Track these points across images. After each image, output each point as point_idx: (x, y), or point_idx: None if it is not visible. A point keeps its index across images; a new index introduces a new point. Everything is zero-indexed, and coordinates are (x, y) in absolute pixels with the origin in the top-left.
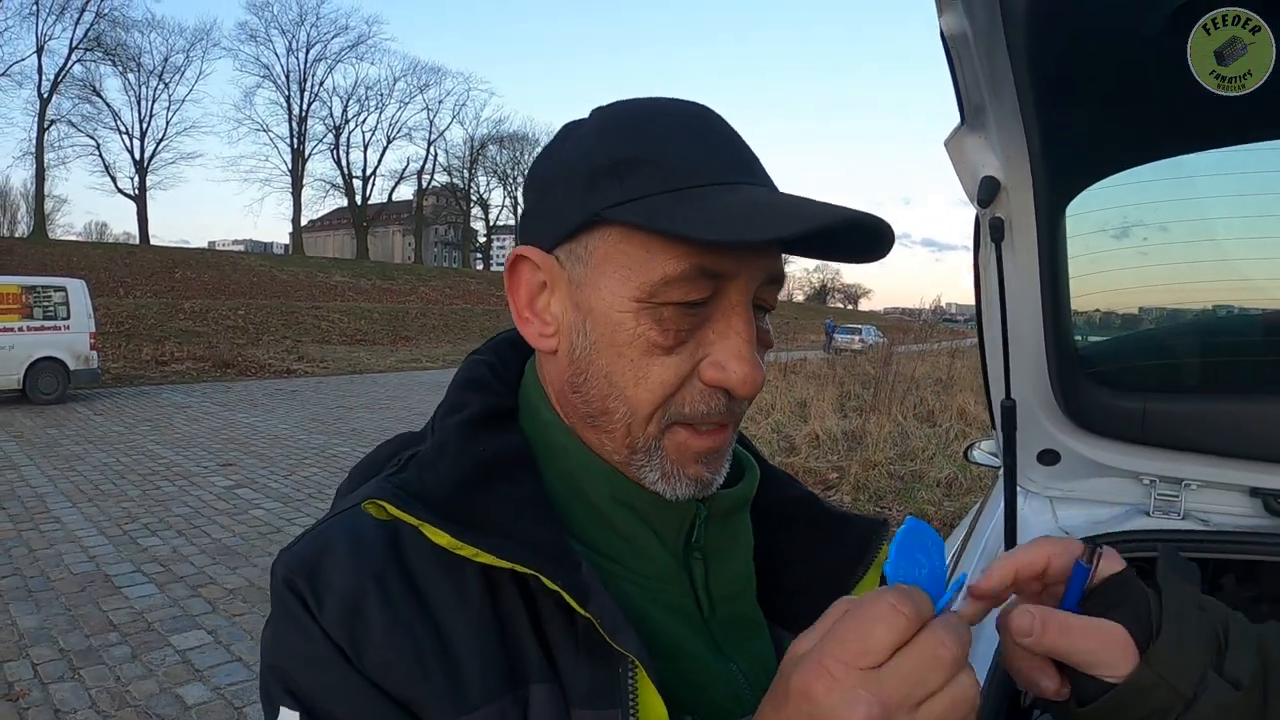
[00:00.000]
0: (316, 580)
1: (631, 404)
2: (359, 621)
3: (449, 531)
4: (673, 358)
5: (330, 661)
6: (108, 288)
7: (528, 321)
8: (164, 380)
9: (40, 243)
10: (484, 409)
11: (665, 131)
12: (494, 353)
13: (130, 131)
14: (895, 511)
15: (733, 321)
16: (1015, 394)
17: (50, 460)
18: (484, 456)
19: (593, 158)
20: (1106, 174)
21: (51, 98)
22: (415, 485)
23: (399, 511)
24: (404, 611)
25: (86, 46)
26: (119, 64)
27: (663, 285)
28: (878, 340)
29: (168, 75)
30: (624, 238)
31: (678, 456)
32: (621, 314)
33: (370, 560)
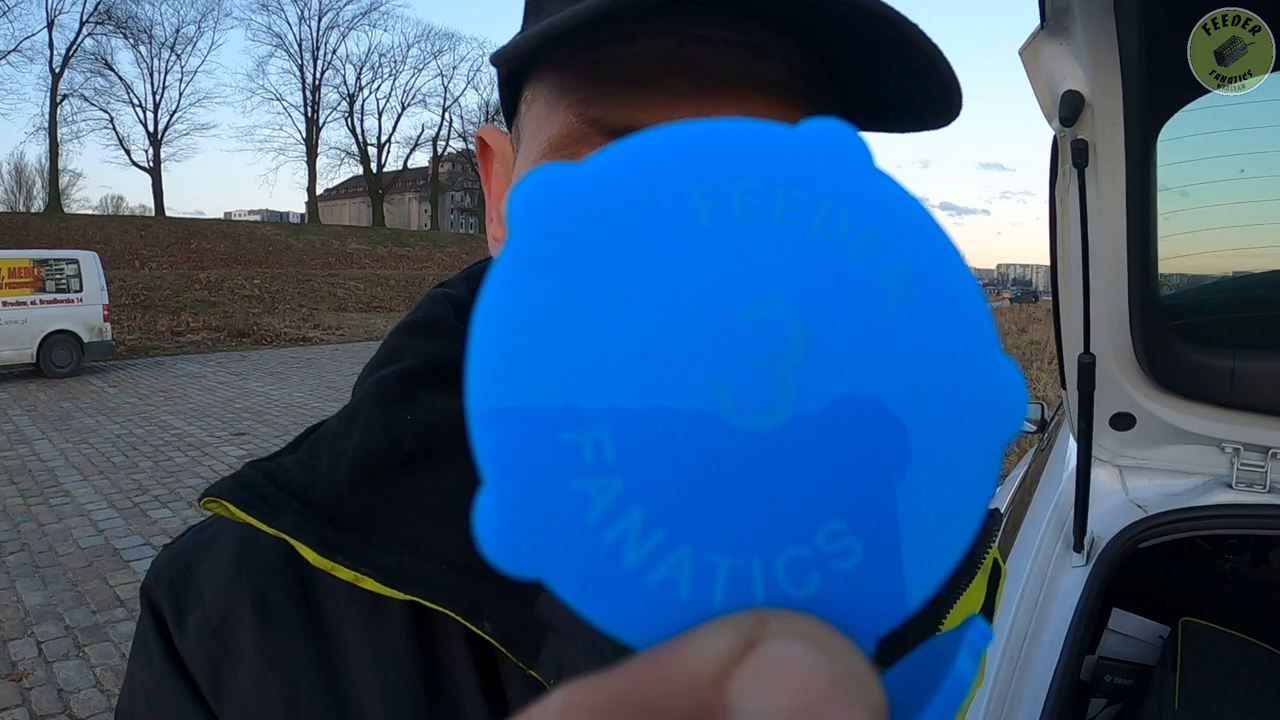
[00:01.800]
0: (183, 593)
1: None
2: (222, 652)
3: (315, 546)
4: None
5: (181, 706)
6: (124, 260)
7: (492, 220)
8: (179, 351)
9: (56, 217)
10: (429, 359)
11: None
12: (468, 283)
13: (143, 104)
14: None
15: None
16: (1094, 348)
17: (62, 433)
18: (410, 425)
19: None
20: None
21: (63, 72)
22: (299, 474)
23: (245, 515)
24: (286, 643)
25: (97, 20)
26: (130, 36)
27: (550, 150)
28: None
29: (180, 46)
30: (533, 97)
31: None
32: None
33: (257, 568)
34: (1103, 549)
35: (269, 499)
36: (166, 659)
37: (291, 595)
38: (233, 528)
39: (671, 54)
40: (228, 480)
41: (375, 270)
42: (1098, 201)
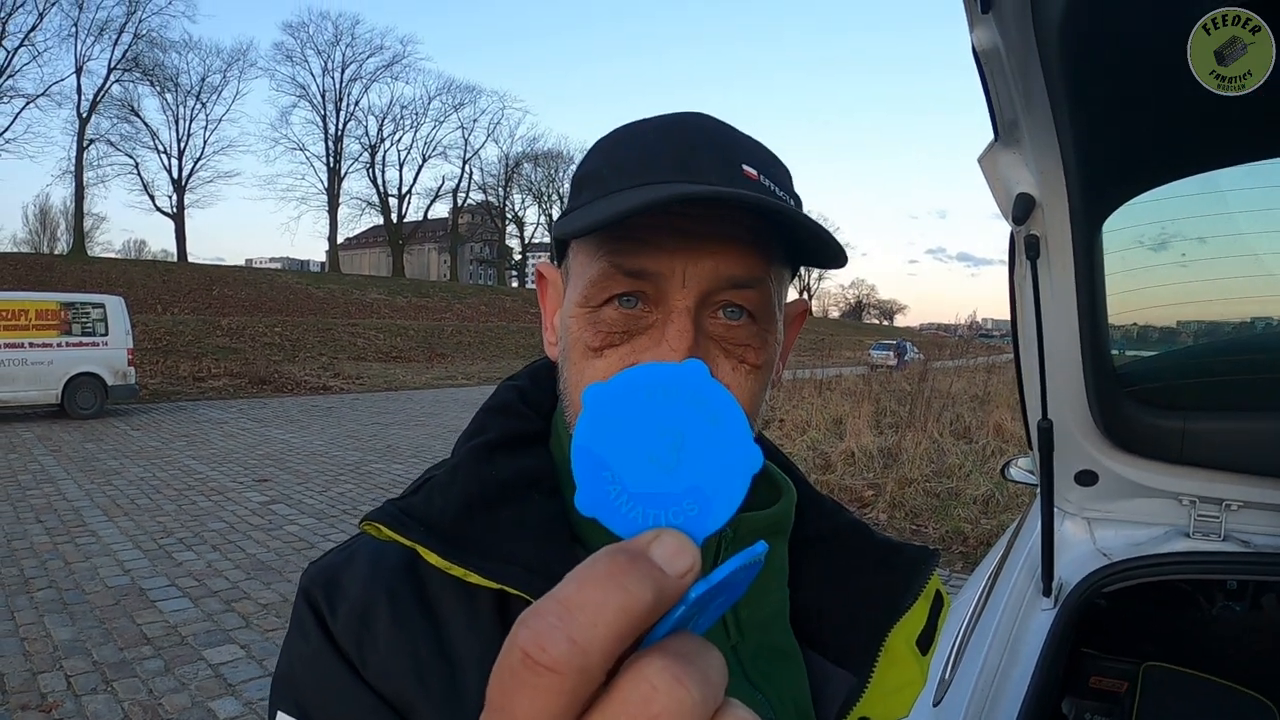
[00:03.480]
0: (334, 591)
1: (572, 400)
2: (366, 631)
3: (438, 551)
4: (602, 359)
5: (334, 667)
6: (146, 304)
7: (547, 331)
8: (201, 396)
9: (79, 260)
10: (503, 433)
11: (629, 141)
12: (530, 377)
13: (168, 150)
14: (930, 529)
15: (666, 329)
16: (1052, 414)
17: (87, 474)
18: (494, 478)
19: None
20: (1143, 189)
21: (90, 117)
22: (422, 508)
23: (391, 533)
24: (411, 625)
25: (125, 67)
26: (157, 84)
27: (590, 287)
28: (913, 356)
29: (205, 95)
30: (576, 249)
31: None
32: (571, 319)
33: (386, 574)
34: (1069, 592)
35: (404, 524)
36: (322, 637)
37: (413, 591)
38: (366, 548)
39: (669, 224)
40: (377, 511)
41: (395, 320)
42: (1051, 287)
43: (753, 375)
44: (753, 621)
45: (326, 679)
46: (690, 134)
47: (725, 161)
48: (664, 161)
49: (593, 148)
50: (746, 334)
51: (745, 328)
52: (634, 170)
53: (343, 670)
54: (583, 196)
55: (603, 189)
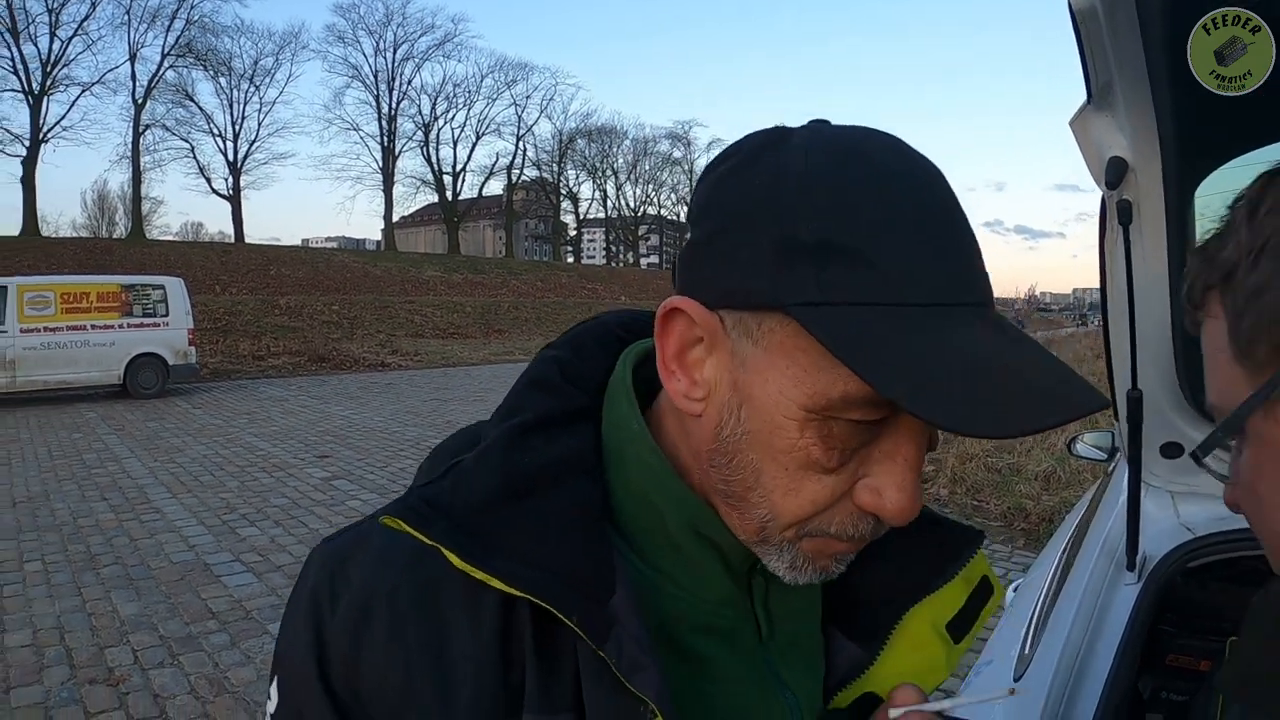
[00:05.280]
0: (338, 579)
1: (776, 510)
2: (364, 630)
3: (459, 553)
4: (832, 476)
5: (325, 662)
6: (205, 285)
7: (673, 375)
8: (261, 374)
9: (138, 243)
10: (540, 413)
11: (889, 212)
12: (571, 347)
13: (223, 134)
14: (992, 506)
15: (902, 446)
16: (1141, 384)
17: (151, 452)
18: (527, 464)
19: (790, 220)
20: (1238, 153)
21: (146, 103)
22: (446, 497)
23: (413, 530)
24: (409, 628)
25: (178, 53)
26: (210, 69)
27: (841, 402)
28: None
29: (258, 78)
30: (806, 335)
31: (814, 554)
32: (786, 419)
33: (391, 569)
34: (1153, 568)
35: (425, 517)
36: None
37: (415, 590)
38: (379, 533)
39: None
40: (400, 504)
41: (451, 297)
42: (1142, 254)
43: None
44: (783, 613)
45: (312, 675)
46: (945, 205)
47: (976, 251)
48: (951, 261)
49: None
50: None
51: None
52: (920, 275)
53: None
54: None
55: (881, 293)
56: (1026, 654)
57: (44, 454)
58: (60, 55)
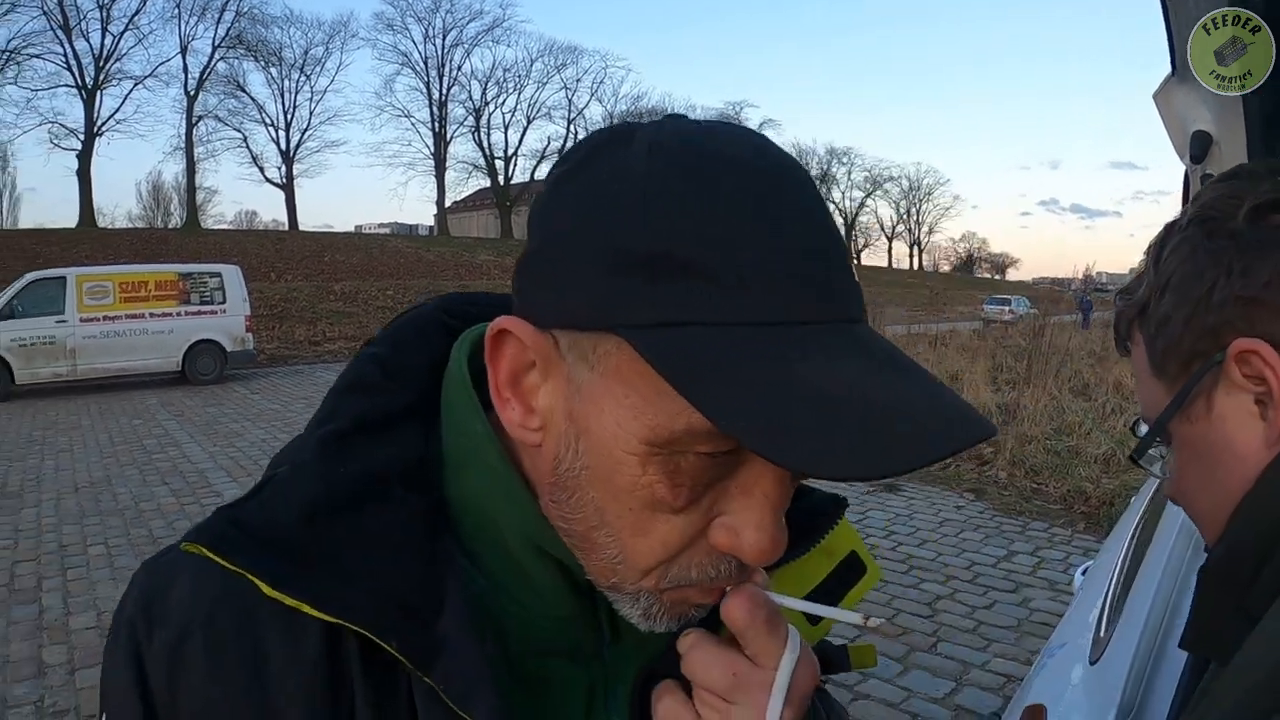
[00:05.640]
0: (154, 608)
1: (626, 553)
2: (180, 664)
3: (268, 580)
4: (681, 516)
5: (144, 701)
6: (260, 273)
7: (507, 403)
8: (317, 359)
9: (194, 232)
10: (357, 418)
11: (735, 219)
12: (390, 343)
13: (275, 123)
14: (1051, 488)
15: (760, 480)
16: None
17: (210, 437)
18: (345, 476)
19: (624, 230)
20: None
21: (198, 95)
22: (257, 516)
23: (215, 557)
24: (226, 662)
25: (228, 44)
26: (261, 59)
27: (686, 436)
28: (1028, 311)
29: (308, 67)
30: (635, 356)
31: (672, 605)
32: (627, 454)
33: (204, 598)
34: None
35: (231, 540)
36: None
37: (232, 617)
38: (194, 557)
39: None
40: (198, 530)
41: (505, 281)
42: None
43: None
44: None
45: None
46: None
47: (842, 260)
48: (803, 266)
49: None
50: None
51: None
52: (767, 287)
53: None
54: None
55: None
56: (1102, 637)
57: (105, 440)
58: (112, 50)
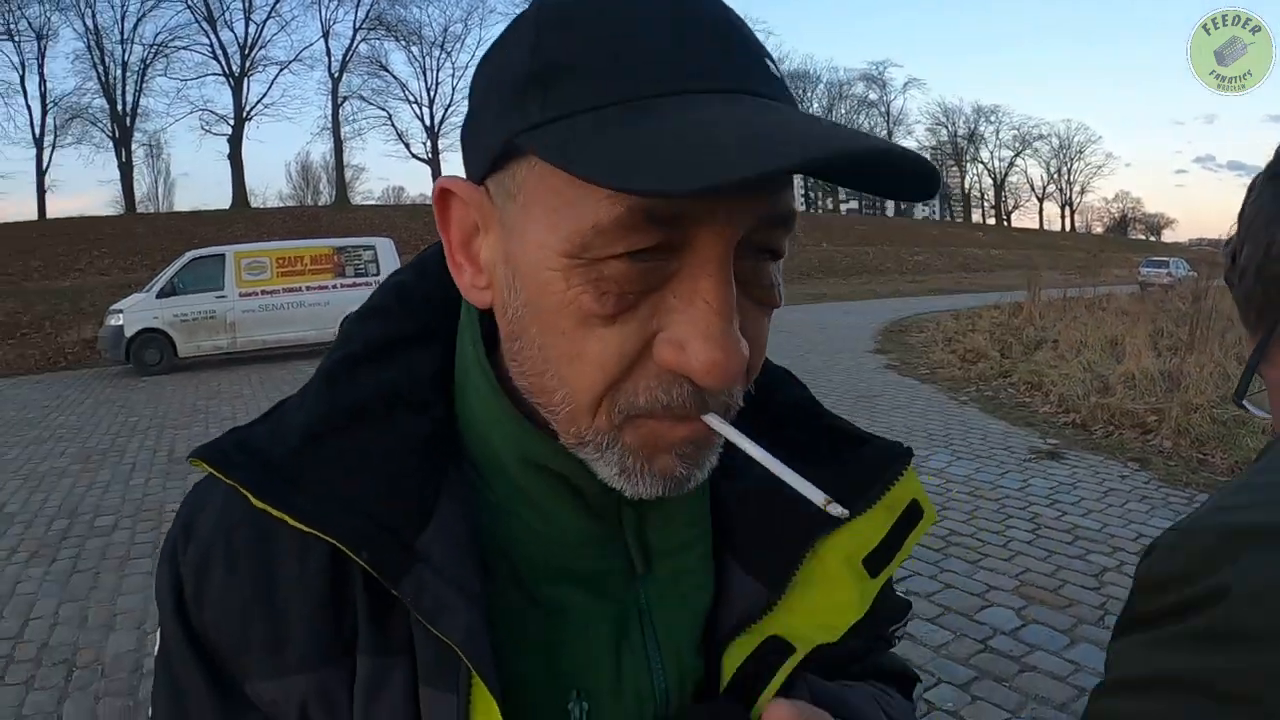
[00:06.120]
0: (191, 525)
1: (569, 385)
2: (205, 575)
3: (255, 491)
4: (615, 329)
5: (175, 610)
6: (409, 246)
7: (460, 268)
8: None
9: (343, 209)
10: (369, 342)
11: (609, 23)
12: (414, 270)
13: (419, 100)
14: (1218, 459)
15: (700, 283)
16: None
17: None
18: (350, 399)
19: (517, 64)
20: None
21: (341, 76)
22: (262, 439)
23: (214, 471)
24: (243, 569)
25: (369, 26)
26: (401, 39)
27: (594, 235)
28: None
29: (449, 44)
30: (550, 170)
31: (642, 448)
32: (550, 271)
33: (233, 513)
34: None
35: (231, 459)
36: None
37: (251, 537)
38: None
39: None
40: (209, 446)
41: None
42: None
43: (768, 315)
44: (663, 548)
45: (168, 615)
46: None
47: (757, 57)
48: (689, 53)
49: (538, 20)
50: (773, 273)
51: (771, 266)
52: (643, 67)
53: (178, 615)
54: (559, 98)
55: (600, 93)
56: None
57: (267, 407)
58: (256, 38)
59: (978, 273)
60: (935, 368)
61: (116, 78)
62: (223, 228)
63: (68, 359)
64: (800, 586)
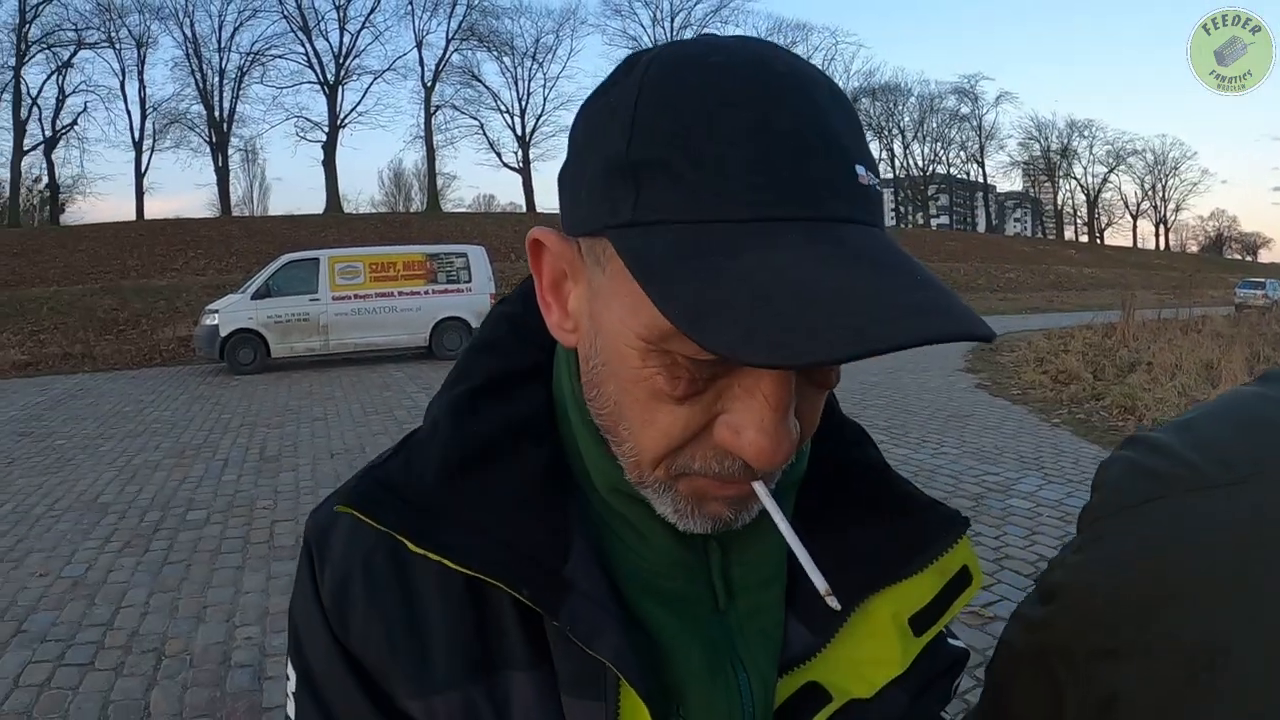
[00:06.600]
0: (323, 549)
1: (638, 443)
2: (345, 597)
3: (412, 538)
4: (684, 408)
5: (323, 630)
6: (499, 253)
7: (549, 307)
8: None
9: (434, 216)
10: (489, 376)
11: (711, 120)
12: (521, 301)
13: (510, 110)
14: None
15: (762, 383)
16: None
17: None
18: (478, 433)
19: (614, 141)
20: None
21: (434, 86)
22: (399, 475)
23: (365, 519)
24: (385, 592)
25: (461, 36)
26: (494, 49)
27: (673, 335)
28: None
29: (540, 55)
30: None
31: (693, 496)
32: (628, 348)
33: (365, 537)
34: None
35: (378, 501)
36: (313, 594)
37: (388, 561)
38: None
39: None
40: (351, 489)
41: None
42: None
43: (825, 393)
44: (744, 583)
45: (318, 641)
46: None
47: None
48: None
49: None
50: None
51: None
52: (733, 183)
53: (327, 634)
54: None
55: (687, 207)
56: None
57: (357, 410)
58: (351, 47)
59: (1069, 291)
60: (1027, 388)
61: (214, 84)
62: (315, 232)
63: (163, 356)
64: (845, 638)
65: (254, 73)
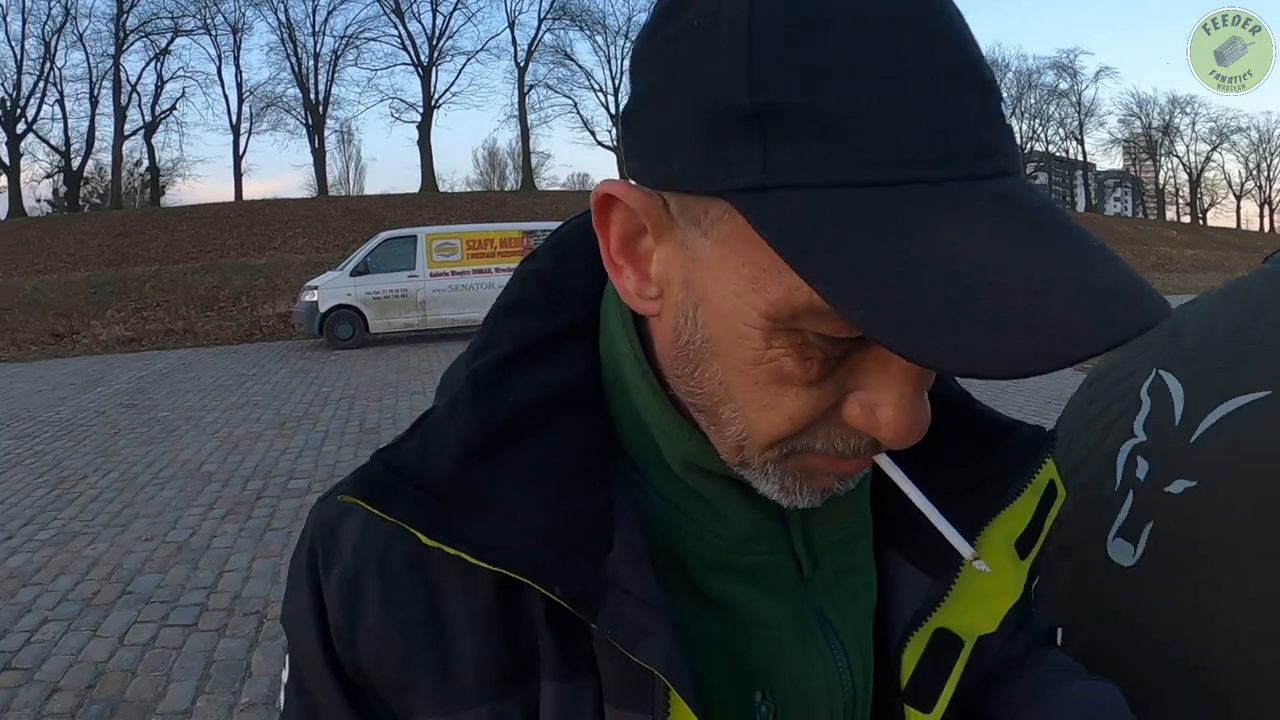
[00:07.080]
0: (330, 546)
1: (751, 427)
2: (355, 603)
3: (425, 530)
4: (813, 390)
5: (323, 640)
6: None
7: (621, 271)
8: None
9: (529, 194)
10: (520, 342)
11: (846, 56)
12: (553, 257)
13: (603, 89)
14: None
15: (892, 358)
16: None
17: None
18: (506, 407)
19: (727, 79)
20: None
21: (527, 65)
22: (414, 459)
23: (373, 510)
24: (402, 596)
25: (554, 16)
26: (586, 29)
27: (809, 313)
28: None
29: (633, 33)
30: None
31: (803, 472)
32: (749, 328)
33: (378, 535)
34: None
35: (389, 489)
36: (317, 596)
37: (405, 557)
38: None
39: None
40: (357, 477)
41: None
42: None
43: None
44: (828, 543)
45: (314, 647)
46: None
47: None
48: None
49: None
50: None
51: None
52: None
53: (318, 648)
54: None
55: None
56: None
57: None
58: (444, 29)
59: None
60: None
61: (309, 68)
62: (411, 211)
63: (263, 331)
64: (965, 575)
65: (348, 56)
